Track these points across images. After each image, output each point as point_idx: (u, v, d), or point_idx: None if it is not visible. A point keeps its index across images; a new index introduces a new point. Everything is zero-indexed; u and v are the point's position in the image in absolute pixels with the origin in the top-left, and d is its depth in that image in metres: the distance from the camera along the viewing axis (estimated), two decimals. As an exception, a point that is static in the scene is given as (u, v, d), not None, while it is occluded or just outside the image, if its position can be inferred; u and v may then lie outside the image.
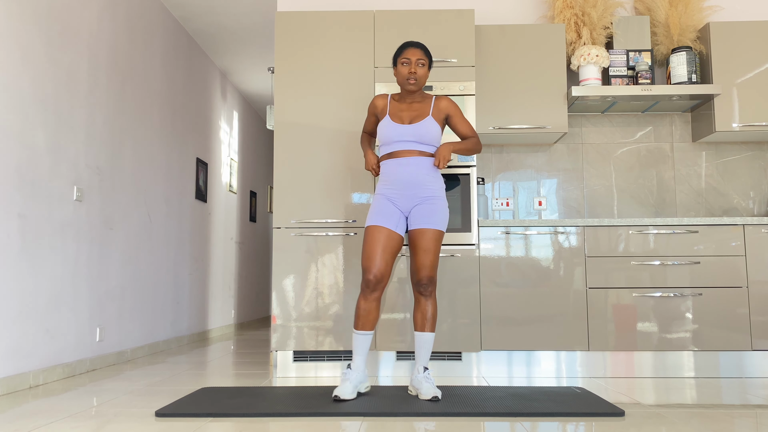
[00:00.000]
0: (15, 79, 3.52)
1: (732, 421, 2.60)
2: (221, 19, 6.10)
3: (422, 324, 3.13)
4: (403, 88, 3.18)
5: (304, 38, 4.00)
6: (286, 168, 3.92)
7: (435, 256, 3.12)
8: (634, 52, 4.20)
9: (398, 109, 3.19)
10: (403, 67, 3.14)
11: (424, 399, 2.97)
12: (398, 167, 3.12)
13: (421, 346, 3.14)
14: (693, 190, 4.39)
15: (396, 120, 3.14)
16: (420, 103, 3.20)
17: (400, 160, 3.11)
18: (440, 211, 3.13)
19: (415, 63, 3.12)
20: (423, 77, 3.15)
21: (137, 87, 5.08)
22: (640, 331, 3.78)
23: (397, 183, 3.12)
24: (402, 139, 3.11)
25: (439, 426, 2.52)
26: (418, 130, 3.10)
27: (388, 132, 3.12)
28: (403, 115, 3.16)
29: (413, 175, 3.10)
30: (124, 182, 4.82)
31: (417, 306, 3.16)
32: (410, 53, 3.13)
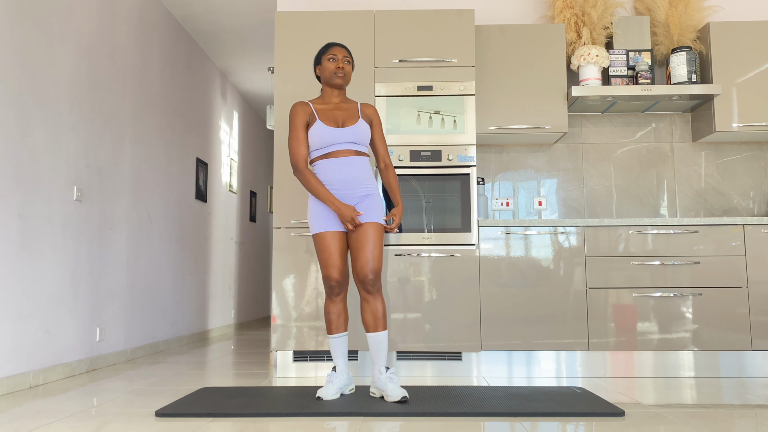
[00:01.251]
0: (15, 79, 3.52)
1: (732, 421, 2.60)
2: (221, 19, 6.10)
3: (375, 324, 3.06)
4: (331, 82, 3.16)
5: (304, 38, 4.00)
6: (286, 168, 3.92)
7: (379, 249, 3.07)
8: (634, 52, 4.20)
9: (326, 110, 3.16)
10: (330, 63, 3.15)
11: (392, 401, 2.90)
12: (337, 167, 3.08)
13: (377, 346, 3.06)
14: (693, 190, 4.39)
15: (329, 123, 3.11)
16: (347, 104, 3.21)
17: (339, 160, 3.08)
18: (378, 206, 3.13)
19: (342, 59, 3.16)
20: (349, 74, 3.19)
21: (137, 87, 5.08)
22: (640, 331, 3.78)
23: (337, 183, 3.08)
24: (340, 141, 3.09)
25: (439, 426, 2.52)
26: (354, 132, 3.11)
27: (326, 136, 3.08)
28: (336, 117, 3.14)
29: (353, 175, 3.09)
30: (124, 182, 4.82)
31: (365, 306, 3.07)
32: (336, 50, 3.17)
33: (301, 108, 3.15)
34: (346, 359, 3.16)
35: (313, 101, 3.21)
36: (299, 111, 3.14)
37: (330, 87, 3.20)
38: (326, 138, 3.08)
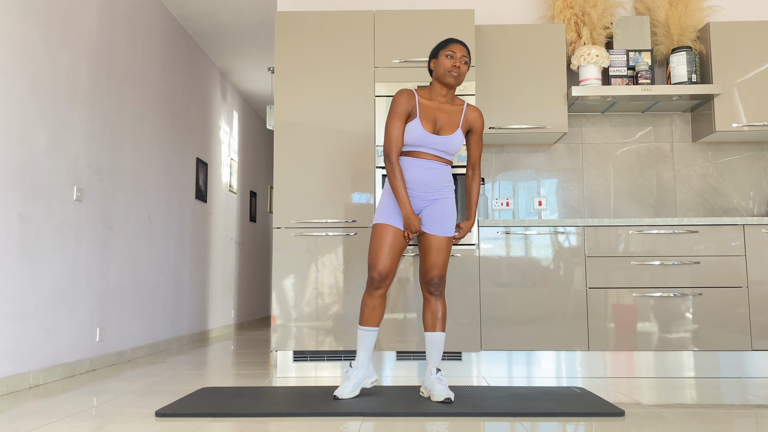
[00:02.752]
0: (15, 79, 3.52)
1: (732, 421, 2.60)
2: (221, 19, 6.10)
3: (433, 324, 3.14)
4: (442, 80, 3.09)
5: (304, 38, 4.00)
6: (286, 168, 3.92)
7: (447, 256, 3.15)
8: (634, 52, 4.20)
9: (428, 109, 3.10)
10: (447, 60, 3.07)
11: (436, 401, 2.95)
12: (418, 168, 3.08)
13: (432, 346, 3.14)
14: (693, 190, 4.39)
15: (426, 126, 3.07)
16: (451, 106, 3.14)
17: (421, 162, 3.09)
18: (452, 217, 3.14)
19: (460, 59, 3.07)
20: (464, 74, 3.10)
21: (137, 87, 5.08)
22: (640, 331, 3.78)
23: (413, 182, 3.09)
24: (429, 146, 3.08)
25: (439, 426, 2.52)
26: (447, 143, 3.08)
27: (417, 138, 3.06)
28: (436, 119, 3.09)
29: (430, 178, 3.09)
30: (124, 182, 4.82)
31: (427, 306, 3.17)
32: (456, 48, 3.08)
33: (407, 97, 3.09)
34: (369, 353, 3.14)
35: (421, 92, 3.15)
36: (403, 99, 3.08)
37: (441, 84, 3.12)
38: (418, 140, 3.06)
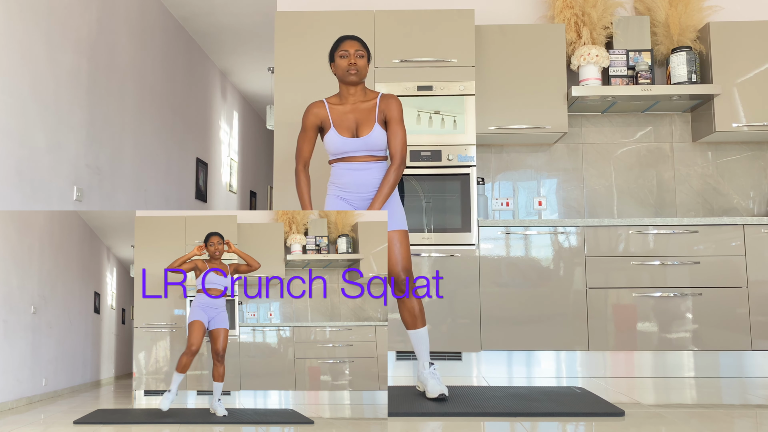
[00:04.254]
0: (15, 79, 3.52)
1: (732, 421, 2.60)
2: (221, 19, 6.10)
3: (413, 322, 3.09)
4: (344, 80, 3.06)
5: (304, 38, 4.00)
6: (286, 168, 3.92)
7: (407, 249, 3.09)
8: (634, 52, 4.20)
9: (341, 114, 3.08)
10: (341, 60, 3.03)
11: (431, 398, 2.96)
12: (350, 172, 3.07)
13: (418, 342, 3.11)
14: (693, 190, 4.39)
15: (342, 131, 3.05)
16: (364, 103, 3.09)
17: (353, 165, 3.07)
18: (399, 211, 3.12)
19: (354, 54, 3.02)
20: (363, 68, 3.05)
21: (137, 87, 5.08)
22: (640, 331, 3.78)
23: (350, 186, 3.08)
24: (352, 150, 3.06)
25: (439, 426, 2.52)
26: (367, 143, 3.04)
27: (337, 145, 3.05)
28: (349, 122, 3.06)
29: (367, 178, 3.06)
30: (124, 182, 4.82)
31: (402, 305, 3.10)
32: (348, 45, 3.05)
33: (314, 110, 3.09)
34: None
35: (330, 100, 3.13)
36: (310, 112, 3.09)
37: (345, 84, 3.09)
38: (339, 148, 3.05)
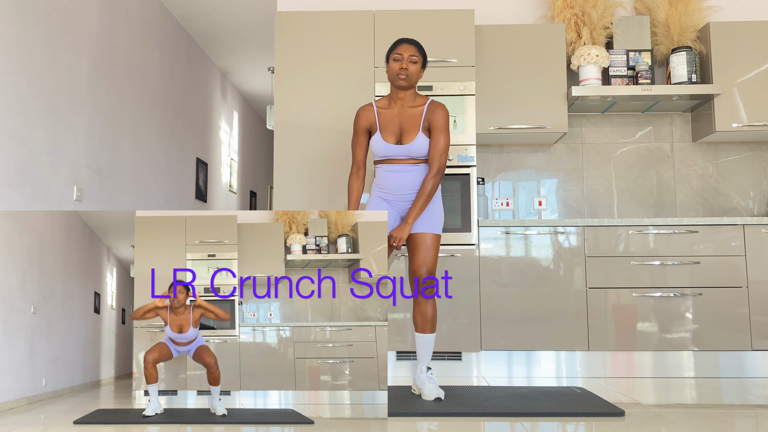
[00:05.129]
0: (15, 79, 3.52)
1: (732, 421, 2.60)
2: (221, 19, 6.10)
3: (423, 326, 3.12)
4: (394, 84, 3.08)
5: (304, 38, 4.00)
6: (286, 168, 3.92)
7: (435, 253, 3.13)
8: (634, 52, 4.20)
9: (388, 118, 3.11)
10: (394, 63, 3.05)
11: (427, 400, 2.98)
12: (392, 174, 3.12)
13: (422, 347, 3.14)
14: (693, 190, 4.39)
15: (388, 137, 3.09)
16: (412, 109, 3.11)
17: (394, 167, 3.12)
18: (437, 214, 3.14)
19: (407, 59, 3.03)
20: (415, 74, 3.05)
21: (137, 87, 5.08)
22: (640, 331, 3.78)
23: (391, 188, 3.13)
24: (395, 155, 3.11)
25: (439, 426, 2.52)
26: (409, 150, 3.08)
27: (381, 150, 3.12)
28: (395, 127, 3.09)
29: (407, 181, 3.11)
30: (124, 182, 4.82)
31: (416, 307, 3.14)
32: (402, 49, 3.06)
33: (364, 114, 3.15)
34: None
35: (379, 103, 3.16)
36: (360, 117, 3.16)
37: (395, 88, 3.10)
38: (383, 152, 3.11)
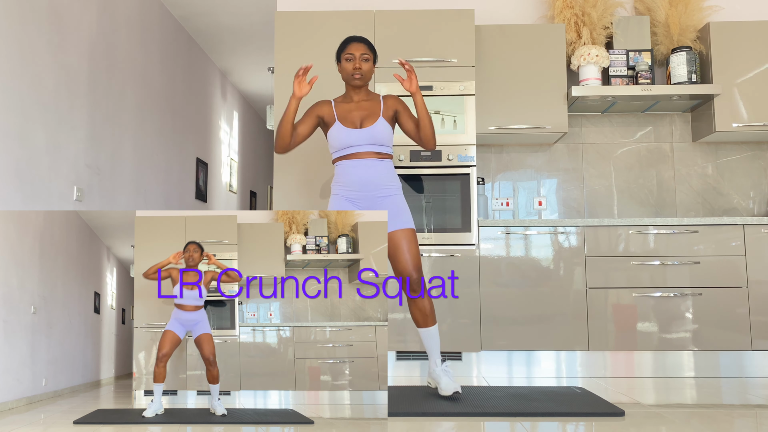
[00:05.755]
0: (15, 79, 3.52)
1: (732, 421, 2.60)
2: (221, 19, 6.10)
3: (424, 320, 3.10)
4: (349, 83, 3.10)
5: (304, 38, 4.00)
6: (286, 168, 3.93)
7: (416, 247, 3.09)
8: (634, 52, 4.20)
9: (346, 111, 3.10)
10: (347, 63, 3.07)
11: (445, 395, 2.96)
12: (356, 169, 3.05)
13: (429, 340, 3.11)
14: (693, 190, 4.39)
15: (347, 124, 3.07)
16: (368, 102, 3.12)
17: (358, 162, 3.05)
18: (404, 209, 3.10)
19: (360, 58, 3.05)
20: (368, 72, 3.07)
21: (137, 87, 5.08)
22: (640, 331, 3.78)
23: (355, 184, 3.05)
24: (357, 143, 3.05)
25: (439, 426, 2.52)
26: (371, 133, 3.04)
27: (342, 138, 3.05)
28: (354, 117, 3.08)
29: (372, 176, 3.05)
30: (124, 182, 4.82)
31: (413, 304, 3.10)
32: (353, 48, 3.06)
33: (320, 104, 3.13)
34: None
35: (337, 99, 3.16)
36: (316, 105, 3.13)
37: (350, 86, 3.12)
38: (344, 140, 3.05)
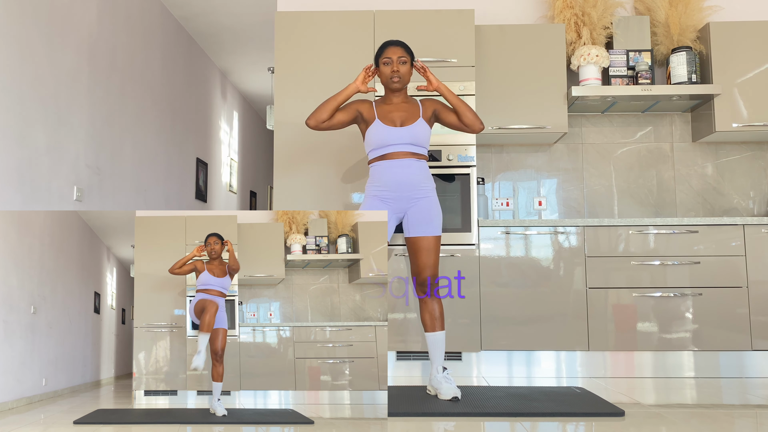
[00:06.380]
0: (15, 79, 3.52)
1: (732, 421, 2.60)
2: (221, 19, 6.10)
3: (432, 324, 3.14)
4: (388, 87, 3.15)
5: (304, 38, 4.00)
6: (286, 168, 3.93)
7: (437, 255, 3.15)
8: (634, 52, 4.20)
9: (386, 111, 3.15)
10: (385, 67, 3.11)
11: (444, 399, 2.98)
12: (393, 169, 3.10)
13: (435, 346, 3.14)
14: (693, 190, 4.39)
15: (387, 123, 3.11)
16: (407, 104, 3.17)
17: (394, 162, 3.10)
18: (437, 216, 3.15)
19: (397, 61, 3.09)
20: (406, 74, 3.12)
21: (137, 87, 5.08)
22: (640, 331, 3.78)
23: (391, 184, 3.10)
24: (396, 142, 3.09)
25: (439, 426, 2.52)
26: (411, 132, 3.09)
27: (382, 135, 3.09)
28: (394, 117, 3.13)
29: (408, 177, 3.10)
30: (124, 182, 4.82)
31: (424, 307, 3.16)
32: (391, 52, 3.11)
33: (363, 103, 3.17)
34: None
35: (377, 101, 3.21)
36: (358, 101, 3.18)
37: (389, 90, 3.16)
38: (384, 137, 3.08)
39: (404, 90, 3.18)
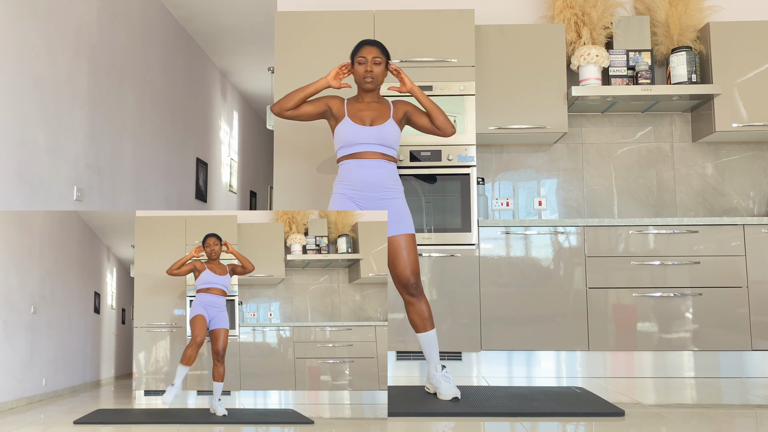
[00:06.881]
0: (15, 79, 3.52)
1: (732, 421, 2.60)
2: (221, 19, 6.10)
3: (423, 325, 3.10)
4: (360, 86, 3.12)
5: (304, 38, 4.00)
6: (286, 168, 3.93)
7: (415, 253, 3.11)
8: (634, 52, 4.20)
9: (357, 109, 3.12)
10: (359, 66, 3.09)
11: (444, 399, 2.97)
12: (362, 169, 3.06)
13: (428, 345, 3.12)
14: (693, 190, 4.39)
15: (357, 121, 3.08)
16: (378, 104, 3.14)
17: (364, 162, 3.06)
18: (407, 216, 3.12)
19: (371, 61, 3.07)
20: (380, 75, 3.09)
21: (137, 87, 5.08)
22: (640, 331, 3.78)
23: (360, 184, 3.06)
24: (364, 141, 3.06)
25: (439, 426, 2.52)
26: (380, 132, 3.05)
27: (350, 133, 3.06)
28: (363, 116, 3.10)
29: (377, 177, 3.06)
30: (124, 182, 4.82)
31: (411, 308, 3.12)
32: (366, 51, 3.08)
33: (333, 97, 3.15)
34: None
35: (349, 99, 3.18)
36: (329, 96, 3.16)
37: (362, 89, 3.15)
38: (352, 136, 3.05)
39: (377, 90, 3.16)
